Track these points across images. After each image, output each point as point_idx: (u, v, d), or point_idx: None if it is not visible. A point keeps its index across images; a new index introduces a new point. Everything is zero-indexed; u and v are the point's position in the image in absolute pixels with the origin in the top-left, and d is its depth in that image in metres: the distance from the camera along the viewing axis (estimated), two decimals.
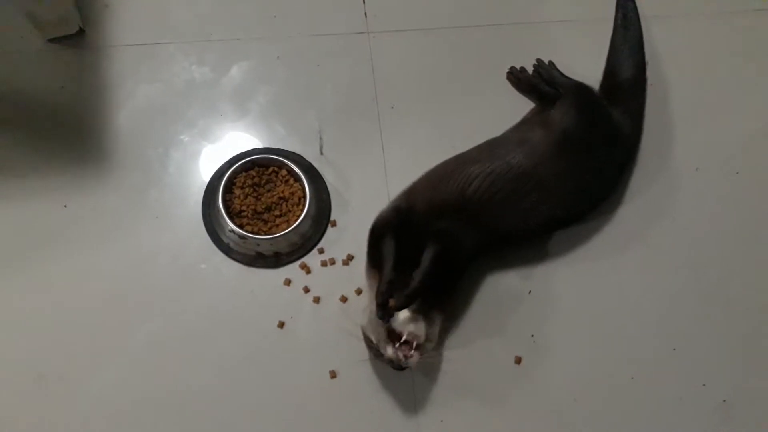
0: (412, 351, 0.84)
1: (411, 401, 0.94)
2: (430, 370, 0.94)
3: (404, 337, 0.84)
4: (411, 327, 0.85)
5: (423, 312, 0.87)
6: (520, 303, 0.98)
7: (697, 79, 1.11)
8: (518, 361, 0.96)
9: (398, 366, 0.85)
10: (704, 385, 0.96)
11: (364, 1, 1.13)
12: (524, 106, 1.07)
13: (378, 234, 0.92)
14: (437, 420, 0.93)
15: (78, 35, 1.07)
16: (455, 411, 0.94)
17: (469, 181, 0.93)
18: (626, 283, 1.00)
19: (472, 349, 0.96)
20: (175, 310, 0.96)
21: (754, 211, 1.05)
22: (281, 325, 0.96)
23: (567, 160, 0.95)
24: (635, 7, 1.12)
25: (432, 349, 0.89)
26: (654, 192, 1.05)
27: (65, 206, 0.99)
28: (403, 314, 0.86)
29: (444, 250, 0.89)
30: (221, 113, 1.06)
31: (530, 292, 0.99)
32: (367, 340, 0.89)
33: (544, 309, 0.99)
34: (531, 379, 0.95)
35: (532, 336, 0.97)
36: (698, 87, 1.11)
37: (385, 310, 0.85)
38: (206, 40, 1.10)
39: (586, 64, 1.09)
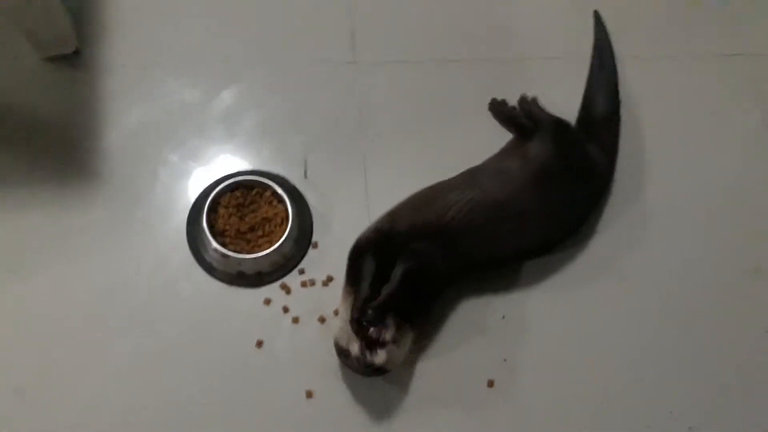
0: (379, 348, 0.86)
1: (385, 418, 0.95)
2: (402, 380, 0.96)
3: (371, 331, 0.86)
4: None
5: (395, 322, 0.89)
6: (494, 327, 1.01)
7: (671, 118, 1.16)
8: (491, 384, 0.98)
9: (366, 365, 0.87)
10: (671, 412, 0.99)
11: (352, 35, 1.17)
12: (504, 136, 1.11)
13: (358, 252, 0.95)
14: None
15: (74, 55, 1.11)
16: (429, 429, 0.95)
17: (448, 207, 0.96)
18: (597, 311, 1.03)
19: (446, 371, 0.98)
20: (155, 326, 0.97)
21: (725, 242, 1.08)
22: (259, 344, 0.97)
23: (542, 192, 0.99)
24: (611, 47, 1.17)
25: (402, 357, 0.92)
26: (626, 223, 1.08)
27: (52, 221, 1.01)
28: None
29: (415, 268, 0.92)
30: (210, 135, 1.09)
31: (504, 317, 1.02)
32: (338, 349, 0.91)
33: (517, 333, 1.01)
34: (504, 401, 0.97)
35: (505, 360, 1.00)
36: (672, 125, 1.15)
37: (360, 327, 0.87)
38: (198, 64, 1.14)
39: (564, 99, 1.13)
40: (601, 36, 1.18)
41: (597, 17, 1.20)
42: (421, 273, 0.93)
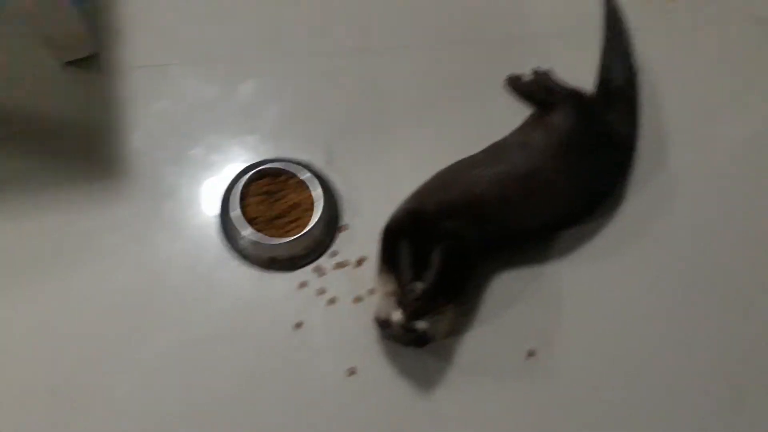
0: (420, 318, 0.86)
1: (428, 391, 0.95)
2: (443, 352, 0.96)
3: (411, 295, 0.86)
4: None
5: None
6: (530, 300, 1.01)
7: (689, 85, 1.16)
8: (531, 353, 0.97)
9: (409, 332, 0.86)
10: (713, 376, 0.98)
11: (364, 20, 1.19)
12: (523, 111, 1.12)
13: (392, 235, 0.95)
14: (456, 409, 0.94)
15: (92, 58, 1.12)
16: (472, 402, 0.95)
17: (475, 183, 0.97)
18: (631, 278, 1.03)
19: (486, 341, 0.97)
20: (192, 318, 0.97)
21: (750, 207, 1.08)
22: (298, 325, 0.97)
23: (568, 161, 0.99)
24: (622, 17, 1.18)
25: (443, 328, 0.91)
26: (653, 191, 1.08)
27: (80, 222, 1.01)
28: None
29: (453, 248, 0.92)
30: (231, 129, 1.10)
31: (540, 288, 1.02)
32: (379, 322, 0.91)
33: (553, 304, 1.01)
34: (545, 370, 0.97)
35: (544, 330, 0.99)
36: (690, 91, 1.16)
37: (415, 314, 0.87)
38: (215, 60, 1.14)
39: (578, 73, 1.14)
40: (612, 6, 1.19)
41: None
42: (459, 252, 0.93)
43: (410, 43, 1.18)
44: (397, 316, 0.88)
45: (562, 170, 0.99)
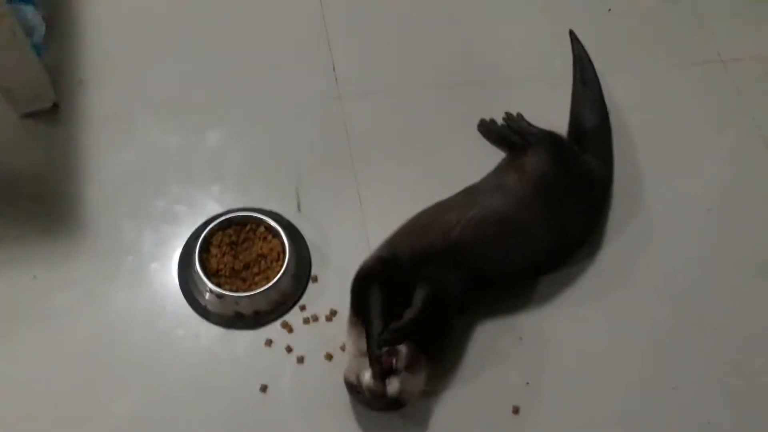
0: (392, 377, 0.80)
1: None
2: (421, 416, 0.90)
3: (383, 359, 0.80)
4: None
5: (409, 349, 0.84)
6: (512, 350, 0.96)
7: (659, 123, 1.16)
8: (516, 410, 0.92)
9: (379, 395, 0.80)
10: (709, 423, 0.93)
11: (333, 68, 1.17)
12: (496, 155, 1.10)
13: (362, 284, 0.90)
14: None
15: (53, 110, 1.08)
16: None
17: (451, 226, 0.93)
18: (615, 321, 0.99)
19: (468, 400, 0.92)
20: (153, 380, 0.90)
21: (727, 241, 1.06)
22: (264, 388, 0.90)
23: (544, 203, 0.96)
24: (591, 62, 1.18)
25: (418, 389, 0.85)
26: (631, 231, 1.06)
27: (34, 277, 0.95)
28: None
29: (436, 293, 0.88)
30: (197, 178, 1.06)
31: (521, 338, 0.97)
32: (348, 386, 0.85)
33: (536, 354, 0.96)
34: (532, 428, 0.90)
35: (528, 383, 0.94)
36: (661, 130, 1.15)
37: (381, 365, 0.81)
38: (179, 108, 1.11)
39: (551, 117, 1.13)
40: (580, 52, 1.20)
41: (573, 36, 1.22)
42: (440, 298, 0.88)
43: (379, 88, 1.16)
44: (366, 378, 0.81)
45: (538, 212, 0.95)
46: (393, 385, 0.81)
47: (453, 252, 0.91)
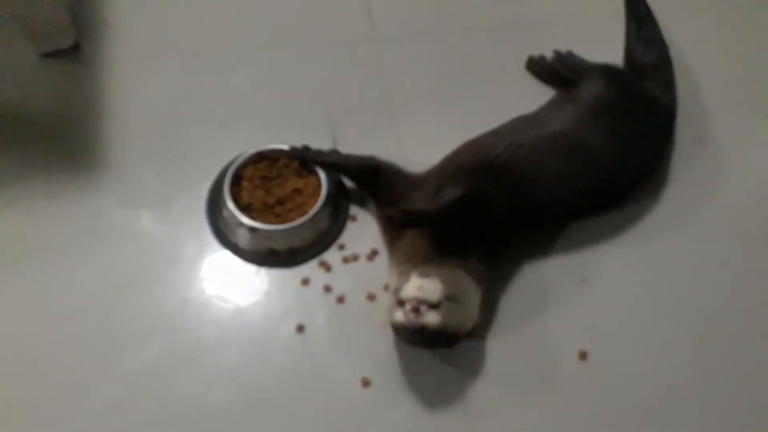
0: (425, 308, 0.71)
1: (461, 409, 0.77)
2: (480, 357, 0.80)
3: (413, 289, 0.72)
4: (421, 283, 0.73)
5: (444, 271, 0.75)
6: (577, 292, 0.86)
7: (724, 62, 1.07)
8: (583, 356, 0.81)
9: (414, 330, 0.71)
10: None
11: (369, 10, 1.11)
12: (547, 94, 1.01)
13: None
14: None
15: (73, 50, 1.03)
16: (515, 420, 0.77)
17: (495, 146, 0.85)
18: (683, 261, 0.89)
19: (530, 346, 0.82)
20: (180, 322, 0.82)
21: None
22: (300, 328, 0.81)
23: (602, 125, 0.88)
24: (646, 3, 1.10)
25: (467, 319, 0.76)
26: (697, 171, 0.97)
27: (60, 215, 0.89)
28: (414, 282, 0.74)
29: (461, 195, 0.80)
30: (224, 119, 0.99)
31: (585, 279, 0.87)
32: (394, 327, 0.76)
33: (603, 297, 0.86)
34: (601, 375, 0.80)
35: (596, 327, 0.84)
36: (728, 71, 1.06)
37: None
38: (209, 52, 1.05)
39: (602, 58, 1.04)
40: None
41: None
42: (470, 204, 0.80)
43: (417, 32, 1.09)
44: (399, 316, 0.72)
45: (596, 133, 0.87)
46: (431, 317, 0.71)
47: (494, 169, 0.83)
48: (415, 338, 0.74)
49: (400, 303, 0.73)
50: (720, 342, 0.83)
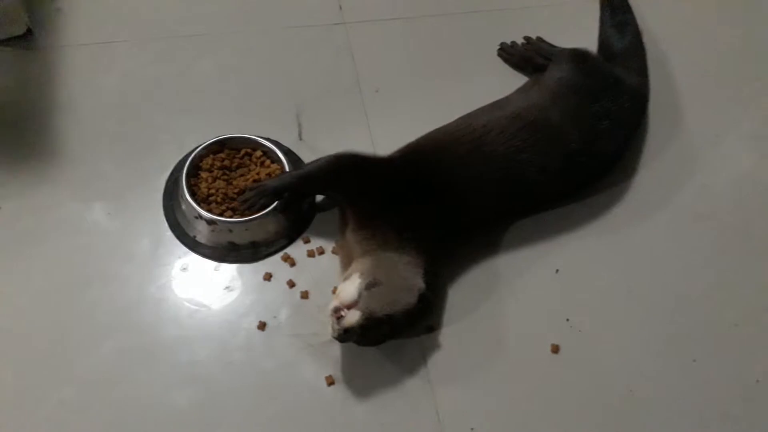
0: (346, 310, 0.71)
1: (431, 408, 0.75)
2: (449, 348, 0.78)
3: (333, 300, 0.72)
4: (339, 289, 0.73)
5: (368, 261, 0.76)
6: (549, 282, 0.84)
7: (695, 47, 1.05)
8: (555, 349, 0.79)
9: (345, 334, 0.71)
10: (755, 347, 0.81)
11: None
12: (515, 82, 0.98)
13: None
14: (466, 428, 0.74)
15: (26, 36, 0.98)
16: (487, 416, 0.75)
17: (464, 128, 0.85)
18: (654, 247, 0.88)
19: (501, 339, 0.80)
20: (136, 320, 0.79)
21: None
22: (262, 326, 0.78)
23: (568, 104, 0.87)
24: None
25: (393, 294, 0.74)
26: (668, 157, 0.96)
27: (7, 208, 0.85)
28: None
29: (342, 154, 0.80)
30: (185, 108, 0.95)
31: (557, 270, 0.85)
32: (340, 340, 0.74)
33: (575, 287, 0.84)
34: (573, 369, 0.78)
35: (568, 320, 0.81)
36: (698, 54, 1.04)
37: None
38: (171, 37, 1.01)
39: (574, 43, 1.02)
40: None
41: None
42: (334, 171, 0.80)
43: (386, 17, 1.06)
44: (329, 330, 0.72)
45: (559, 112, 0.86)
46: (349, 317, 0.71)
47: (468, 149, 0.82)
48: (360, 340, 0.73)
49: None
50: (692, 331, 0.82)
